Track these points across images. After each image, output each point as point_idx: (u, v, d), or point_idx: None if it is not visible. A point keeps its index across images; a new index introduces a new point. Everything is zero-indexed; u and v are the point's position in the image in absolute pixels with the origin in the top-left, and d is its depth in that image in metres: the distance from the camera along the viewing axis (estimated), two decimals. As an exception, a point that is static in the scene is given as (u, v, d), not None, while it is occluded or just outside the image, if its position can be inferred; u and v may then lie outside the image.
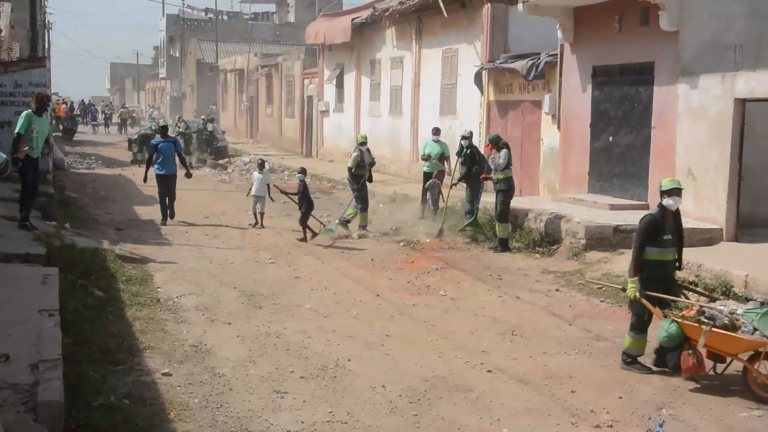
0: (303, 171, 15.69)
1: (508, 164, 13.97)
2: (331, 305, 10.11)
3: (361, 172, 15.98)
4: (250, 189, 16.87)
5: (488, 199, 15.23)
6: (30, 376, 5.79)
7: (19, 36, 34.09)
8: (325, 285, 11.21)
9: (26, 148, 12.00)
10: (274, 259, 12.93)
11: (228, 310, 9.66)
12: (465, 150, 15.52)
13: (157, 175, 16.22)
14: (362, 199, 15.84)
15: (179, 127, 31.07)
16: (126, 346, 7.82)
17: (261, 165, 17.23)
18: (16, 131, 12.12)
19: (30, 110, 12.38)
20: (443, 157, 17.37)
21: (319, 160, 32.04)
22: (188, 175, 17.15)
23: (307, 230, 14.73)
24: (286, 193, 15.44)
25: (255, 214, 16.44)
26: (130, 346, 7.88)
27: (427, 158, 17.46)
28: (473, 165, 15.36)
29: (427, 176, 17.25)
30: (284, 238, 15.03)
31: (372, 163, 16.29)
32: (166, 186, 16.22)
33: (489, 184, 14.89)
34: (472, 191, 15.33)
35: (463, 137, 15.72)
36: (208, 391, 6.90)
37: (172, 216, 16.31)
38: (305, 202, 14.92)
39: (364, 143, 16.35)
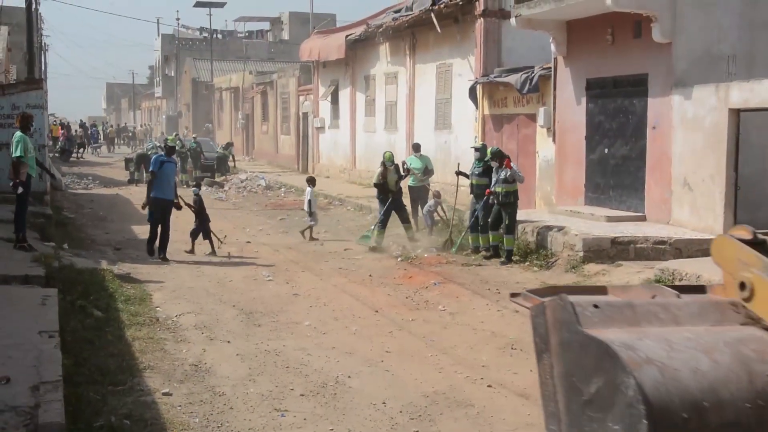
0: (198, 185, 16.37)
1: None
2: (330, 322, 10.10)
3: (383, 189, 16.26)
4: (308, 204, 17.43)
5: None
6: (31, 398, 5.79)
7: (15, 58, 34.21)
8: (323, 301, 11.22)
9: (26, 170, 12.08)
10: (273, 277, 12.93)
11: (227, 329, 9.66)
12: (480, 162, 15.19)
13: (155, 199, 14.09)
14: (382, 217, 16.10)
15: (176, 144, 31.19)
16: (126, 367, 7.81)
17: (311, 181, 17.92)
18: (15, 155, 12.10)
19: (19, 132, 12.40)
20: (426, 170, 17.54)
21: (315, 176, 32.04)
22: (177, 206, 14.54)
23: (209, 242, 15.01)
24: (188, 204, 15.21)
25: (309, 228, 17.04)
26: (130, 366, 7.87)
27: (407, 173, 17.56)
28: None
29: (412, 190, 17.42)
30: (282, 255, 15.04)
31: (397, 181, 16.33)
32: (163, 213, 14.16)
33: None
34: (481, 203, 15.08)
35: (476, 149, 15.51)
36: (209, 411, 6.89)
37: (163, 251, 14.09)
38: (201, 216, 15.19)
39: (387, 161, 16.55)
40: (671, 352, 2.88)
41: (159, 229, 14.05)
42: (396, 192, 16.15)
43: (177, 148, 21.30)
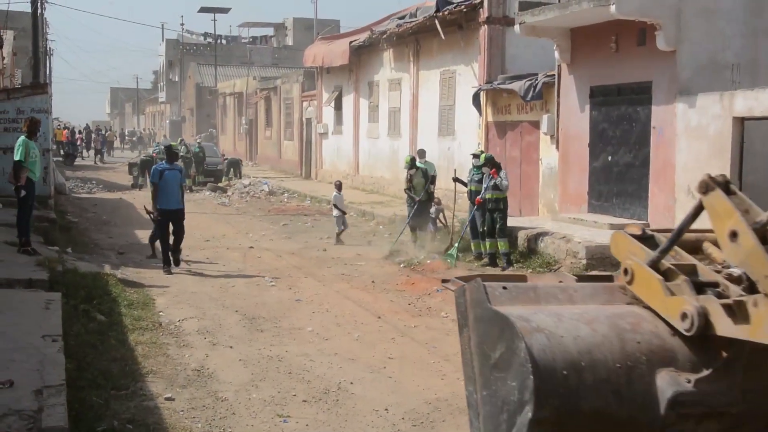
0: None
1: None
2: (333, 328, 10.11)
3: (411, 194, 16.56)
4: (338, 209, 17.57)
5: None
6: (34, 402, 5.79)
7: (21, 63, 34.33)
8: (326, 307, 11.22)
9: (26, 174, 12.11)
10: (275, 282, 12.94)
11: (230, 334, 9.67)
12: (479, 169, 15.10)
13: (161, 212, 13.63)
14: (410, 221, 16.40)
15: (179, 150, 31.25)
16: (129, 371, 7.82)
17: (339, 186, 17.86)
18: (16, 159, 12.16)
19: (24, 136, 12.44)
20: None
21: (318, 182, 32.12)
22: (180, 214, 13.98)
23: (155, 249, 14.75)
24: (147, 211, 14.94)
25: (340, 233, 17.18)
26: (133, 370, 7.88)
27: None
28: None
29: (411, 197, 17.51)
30: (285, 260, 15.06)
31: (424, 183, 16.51)
32: (171, 222, 13.65)
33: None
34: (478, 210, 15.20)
35: (475, 155, 15.51)
36: (211, 416, 6.89)
37: (177, 262, 13.77)
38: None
39: (406, 165, 16.89)
40: (559, 323, 3.47)
41: (169, 239, 13.73)
42: (422, 198, 16.33)
43: (182, 153, 20.88)
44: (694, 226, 3.65)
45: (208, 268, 14.13)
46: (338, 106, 31.34)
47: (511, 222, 14.95)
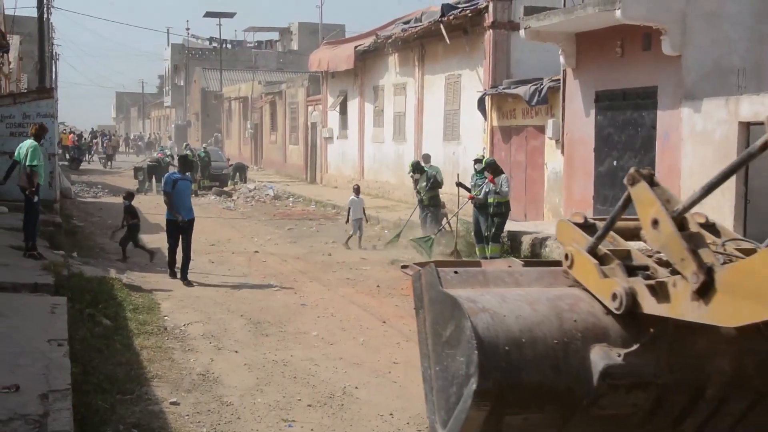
0: (129, 197, 16.22)
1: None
2: (338, 332, 10.11)
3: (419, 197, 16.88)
4: (348, 215, 17.54)
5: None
6: (40, 406, 5.80)
7: (27, 67, 34.43)
8: (331, 312, 11.22)
9: (38, 179, 12.17)
10: (280, 287, 12.95)
11: (235, 338, 9.67)
12: (481, 174, 15.22)
13: (170, 222, 13.11)
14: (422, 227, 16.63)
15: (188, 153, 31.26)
16: (134, 376, 7.83)
17: (357, 190, 17.88)
18: (28, 164, 12.13)
19: (32, 140, 12.47)
20: (436, 181, 17.60)
21: (323, 187, 32.16)
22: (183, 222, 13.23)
23: (142, 249, 15.07)
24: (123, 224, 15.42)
25: (358, 238, 17.21)
26: (138, 375, 7.89)
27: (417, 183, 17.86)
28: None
29: (420, 201, 17.59)
30: (290, 265, 15.06)
31: (427, 187, 16.70)
32: (180, 234, 13.07)
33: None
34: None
35: (477, 160, 15.65)
36: (216, 420, 6.89)
37: (186, 278, 12.93)
38: (130, 225, 15.34)
39: (411, 170, 17.30)
40: (503, 304, 3.81)
41: (177, 248, 13.20)
42: (427, 202, 16.41)
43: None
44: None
45: (213, 272, 14.14)
46: (343, 111, 31.38)
47: (515, 226, 14.97)
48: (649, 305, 3.62)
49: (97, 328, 9.19)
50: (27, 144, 12.39)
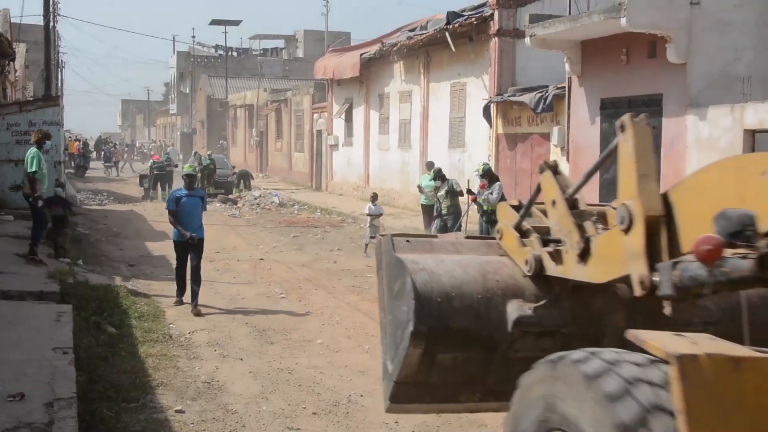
0: (60, 186, 15.73)
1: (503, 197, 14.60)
2: (343, 340, 10.10)
3: (438, 206, 16.84)
4: (369, 223, 17.47)
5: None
6: (45, 414, 5.81)
7: (33, 75, 34.56)
8: (336, 320, 11.21)
9: (41, 185, 12.23)
10: (285, 294, 12.94)
11: (240, 346, 9.67)
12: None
13: (176, 243, 11.89)
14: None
15: (193, 166, 30.58)
16: (139, 384, 7.83)
17: (374, 197, 17.82)
18: (30, 170, 12.24)
19: (34, 147, 12.56)
20: (454, 191, 17.57)
21: (328, 194, 32.17)
22: (192, 240, 11.80)
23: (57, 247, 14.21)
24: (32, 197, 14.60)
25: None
26: (143, 383, 7.89)
27: (422, 191, 17.90)
28: None
29: (424, 208, 17.56)
30: (295, 273, 15.06)
31: (446, 196, 16.54)
32: (189, 255, 11.78)
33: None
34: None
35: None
36: (221, 428, 6.89)
37: (195, 301, 11.46)
38: (57, 216, 14.37)
39: (433, 177, 17.02)
40: (440, 265, 4.70)
41: (186, 270, 11.90)
42: (446, 211, 16.37)
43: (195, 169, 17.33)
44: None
45: (218, 279, 14.15)
46: (349, 118, 31.42)
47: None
48: (551, 268, 4.50)
49: (102, 336, 9.20)
50: (29, 152, 12.48)
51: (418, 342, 4.55)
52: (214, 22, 64.41)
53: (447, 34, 21.56)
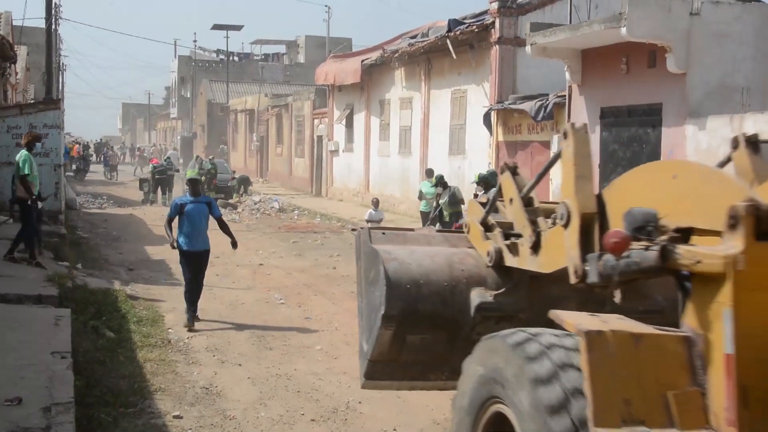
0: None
1: None
2: (342, 346, 10.10)
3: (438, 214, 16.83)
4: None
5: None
6: (42, 419, 5.81)
7: (34, 78, 34.56)
8: (335, 326, 11.21)
9: (35, 187, 12.26)
10: (285, 300, 12.94)
11: (239, 352, 9.67)
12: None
13: (183, 252, 11.01)
14: None
15: (197, 170, 30.03)
16: (137, 388, 7.83)
17: (376, 203, 17.69)
18: (23, 173, 12.28)
19: (24, 150, 12.59)
20: (456, 200, 17.59)
21: (328, 200, 32.18)
22: (234, 245, 11.44)
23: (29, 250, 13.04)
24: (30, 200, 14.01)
25: None
26: (141, 388, 7.89)
27: (422, 197, 17.89)
28: None
29: (423, 215, 17.58)
30: (294, 278, 15.06)
31: (448, 203, 16.50)
32: (194, 267, 11.01)
33: None
34: None
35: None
36: (219, 434, 6.89)
37: (191, 320, 10.79)
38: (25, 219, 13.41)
39: (435, 183, 17.00)
40: (410, 256, 5.32)
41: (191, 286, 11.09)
42: (448, 219, 16.32)
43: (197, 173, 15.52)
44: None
45: (217, 284, 14.15)
46: (349, 124, 31.45)
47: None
48: (509, 259, 5.05)
49: (100, 341, 9.20)
50: (19, 154, 12.51)
51: (389, 324, 5.13)
52: (216, 27, 64.49)
53: (448, 41, 21.61)
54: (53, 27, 30.58)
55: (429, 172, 18.53)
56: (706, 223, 3.63)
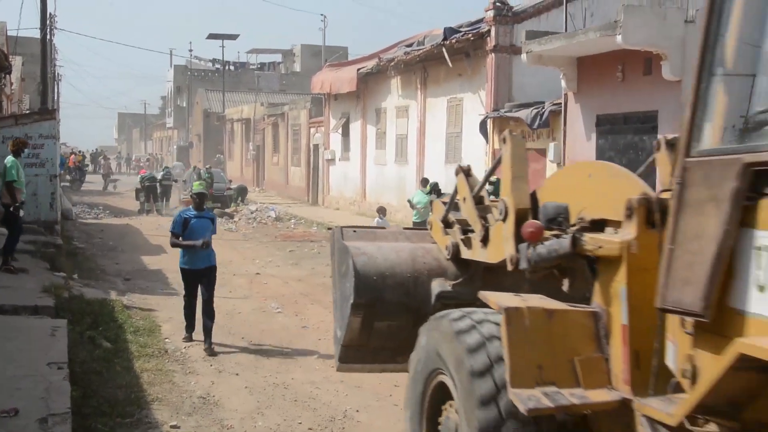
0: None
1: None
2: (339, 355, 10.06)
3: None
4: None
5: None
6: (39, 430, 5.78)
7: (29, 89, 34.54)
8: (332, 334, 11.16)
9: (21, 194, 12.23)
10: (281, 309, 12.92)
11: (236, 361, 9.65)
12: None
13: (186, 271, 10.40)
14: None
15: (201, 182, 29.50)
16: (134, 399, 7.80)
17: (382, 211, 17.73)
18: (8, 179, 12.22)
19: (11, 156, 12.54)
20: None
21: (325, 209, 32.17)
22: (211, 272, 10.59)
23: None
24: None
25: None
26: (138, 398, 7.86)
27: (413, 207, 17.84)
28: None
29: (416, 226, 17.50)
30: (291, 287, 15.04)
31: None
32: (199, 285, 10.36)
33: None
34: None
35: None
36: (217, 444, 6.86)
37: (210, 350, 9.92)
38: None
39: (429, 190, 17.13)
40: (378, 251, 5.93)
41: (195, 305, 10.54)
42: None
43: (194, 179, 13.98)
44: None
45: (214, 294, 14.09)
46: (345, 133, 31.46)
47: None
48: (464, 252, 5.60)
49: (97, 351, 9.17)
50: (6, 160, 12.46)
51: (358, 312, 5.75)
52: (212, 36, 64.53)
53: (444, 49, 21.64)
54: (48, 37, 30.58)
55: (424, 182, 18.54)
56: (613, 214, 4.20)
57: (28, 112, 25.35)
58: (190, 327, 10.49)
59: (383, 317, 5.79)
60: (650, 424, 3.75)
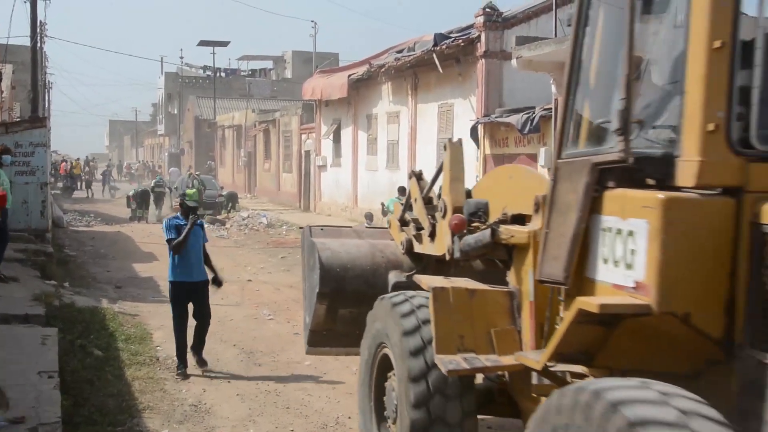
0: None
1: None
2: (331, 361, 10.02)
3: None
4: None
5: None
6: (29, 439, 5.76)
7: (20, 96, 34.42)
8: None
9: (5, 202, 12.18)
10: (273, 316, 12.91)
11: (227, 368, 9.63)
12: None
13: (176, 284, 9.42)
14: None
15: (194, 190, 28.75)
16: (125, 407, 7.78)
17: (369, 216, 17.73)
18: None
19: None
20: None
21: (317, 215, 32.13)
22: (216, 282, 9.82)
23: None
24: None
25: None
26: (129, 406, 7.84)
27: (385, 214, 17.84)
28: None
29: None
30: (283, 294, 15.02)
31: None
32: (192, 301, 9.52)
33: None
34: None
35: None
36: (208, 452, 6.84)
37: (202, 362, 9.48)
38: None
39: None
40: (341, 246, 6.82)
41: (186, 327, 9.55)
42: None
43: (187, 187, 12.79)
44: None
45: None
46: (337, 139, 31.46)
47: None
48: (417, 247, 6.33)
49: (88, 359, 9.14)
50: None
51: (323, 300, 6.62)
52: (203, 43, 64.49)
53: (434, 55, 21.66)
54: (39, 45, 30.52)
55: (402, 190, 18.45)
56: (527, 210, 4.92)
57: (18, 119, 25.25)
58: (183, 362, 9.29)
59: (346, 305, 6.65)
60: (537, 376, 4.57)
